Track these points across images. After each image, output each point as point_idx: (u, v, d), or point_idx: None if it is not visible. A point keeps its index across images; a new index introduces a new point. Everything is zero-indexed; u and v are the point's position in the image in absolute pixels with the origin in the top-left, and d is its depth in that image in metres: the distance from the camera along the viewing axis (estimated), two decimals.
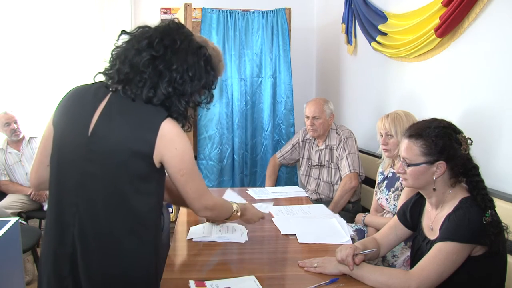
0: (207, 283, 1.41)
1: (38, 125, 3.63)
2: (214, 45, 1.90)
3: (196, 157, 3.51)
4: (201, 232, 1.85)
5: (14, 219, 1.98)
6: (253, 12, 3.51)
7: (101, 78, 1.32)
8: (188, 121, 1.34)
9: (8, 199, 3.32)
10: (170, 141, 1.24)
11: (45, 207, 3.34)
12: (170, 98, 1.26)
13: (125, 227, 1.24)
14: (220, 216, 1.60)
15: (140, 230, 1.26)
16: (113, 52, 1.29)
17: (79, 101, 1.30)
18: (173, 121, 1.27)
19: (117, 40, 1.30)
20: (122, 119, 1.25)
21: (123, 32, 1.31)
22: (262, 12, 3.49)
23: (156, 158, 1.24)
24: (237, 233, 1.85)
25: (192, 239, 1.81)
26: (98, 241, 1.23)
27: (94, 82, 1.33)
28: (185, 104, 1.29)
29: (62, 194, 1.27)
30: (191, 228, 1.90)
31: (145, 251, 1.27)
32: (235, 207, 1.65)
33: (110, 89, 1.28)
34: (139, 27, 1.30)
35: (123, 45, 1.28)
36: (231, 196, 2.30)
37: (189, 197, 1.36)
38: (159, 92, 1.24)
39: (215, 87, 1.40)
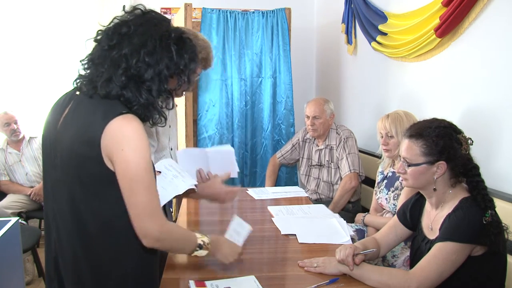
0: (207, 283, 1.40)
1: (38, 125, 3.63)
2: (204, 38, 1.90)
3: None
4: None
5: (14, 219, 1.98)
6: (253, 12, 3.51)
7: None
8: (161, 114, 1.23)
9: (8, 199, 3.32)
10: (116, 141, 1.11)
11: None
12: (126, 88, 1.15)
13: (92, 234, 1.18)
14: (173, 247, 1.26)
15: (110, 238, 1.18)
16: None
17: (54, 109, 1.28)
18: (130, 118, 1.13)
19: (95, 39, 1.22)
20: (73, 121, 1.18)
21: (100, 31, 1.23)
22: (262, 12, 3.49)
23: (107, 161, 1.13)
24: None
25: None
26: (71, 246, 1.21)
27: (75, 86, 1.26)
28: (147, 93, 1.17)
29: (46, 200, 1.28)
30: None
31: (117, 257, 1.21)
32: (201, 240, 1.31)
33: (78, 90, 1.22)
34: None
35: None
36: (236, 225, 1.66)
37: (135, 213, 1.13)
38: (114, 84, 1.14)
39: (194, 72, 1.26)
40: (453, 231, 1.40)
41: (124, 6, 1.23)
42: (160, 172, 1.61)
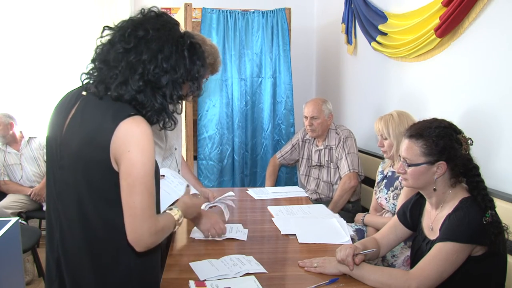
0: (207, 283, 1.41)
1: (37, 125, 3.63)
2: (212, 43, 1.92)
3: (196, 157, 3.52)
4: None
5: (14, 219, 1.98)
6: (253, 12, 3.51)
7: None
8: (171, 118, 1.23)
9: (8, 199, 3.32)
10: (124, 142, 1.11)
11: (45, 207, 3.34)
12: (142, 92, 1.15)
13: (98, 235, 1.18)
14: (165, 236, 1.27)
15: (117, 240, 1.17)
16: (96, 50, 1.21)
17: (59, 108, 1.26)
18: (138, 120, 1.14)
19: (101, 37, 1.21)
20: (82, 124, 1.17)
21: (106, 27, 1.21)
22: (262, 12, 3.50)
23: (114, 163, 1.13)
24: (240, 232, 1.87)
25: (194, 238, 1.83)
26: (76, 247, 1.20)
27: (81, 85, 1.25)
28: (162, 98, 1.18)
29: (49, 200, 1.27)
30: (194, 229, 1.90)
31: (122, 259, 1.20)
32: (175, 213, 1.31)
33: (85, 90, 1.21)
34: (121, 21, 1.21)
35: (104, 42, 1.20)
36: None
37: (132, 213, 1.12)
38: (129, 88, 1.14)
39: (203, 78, 1.26)
40: (453, 231, 1.40)
41: (143, 9, 1.22)
42: (164, 175, 1.62)
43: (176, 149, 2.02)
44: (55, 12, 3.75)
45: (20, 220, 2.07)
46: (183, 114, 3.18)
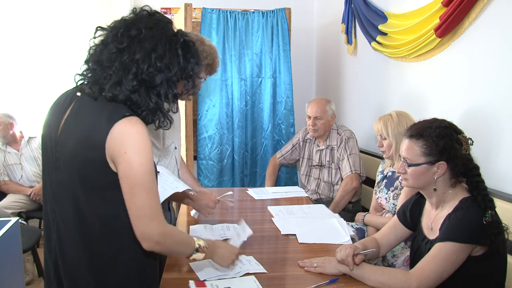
0: (207, 283, 1.41)
1: (38, 125, 3.63)
2: (210, 43, 1.91)
3: (196, 157, 3.52)
4: (203, 232, 1.86)
5: (14, 219, 1.98)
6: (253, 12, 3.51)
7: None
8: (166, 117, 1.22)
9: (8, 199, 3.32)
10: (120, 144, 1.11)
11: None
12: (136, 92, 1.15)
13: (95, 236, 1.18)
14: (173, 250, 1.26)
15: (115, 240, 1.18)
16: (89, 51, 1.21)
17: (54, 109, 1.26)
18: (133, 121, 1.14)
19: (94, 38, 1.20)
20: (76, 125, 1.17)
21: (99, 28, 1.21)
22: (262, 12, 3.50)
23: (111, 163, 1.14)
24: (238, 232, 1.86)
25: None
26: (73, 248, 1.20)
27: (76, 86, 1.25)
28: (156, 97, 1.17)
29: (45, 201, 1.27)
30: (191, 227, 1.90)
31: (120, 259, 1.21)
32: (197, 243, 1.29)
33: (79, 91, 1.21)
34: (114, 21, 1.20)
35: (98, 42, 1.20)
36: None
37: (135, 214, 1.13)
38: (123, 88, 1.13)
39: (199, 76, 1.25)
40: (453, 231, 1.40)
41: (134, 9, 1.21)
42: (159, 172, 1.63)
43: (175, 148, 2.02)
44: (55, 12, 3.75)
45: (20, 220, 2.07)
46: (183, 114, 3.18)
